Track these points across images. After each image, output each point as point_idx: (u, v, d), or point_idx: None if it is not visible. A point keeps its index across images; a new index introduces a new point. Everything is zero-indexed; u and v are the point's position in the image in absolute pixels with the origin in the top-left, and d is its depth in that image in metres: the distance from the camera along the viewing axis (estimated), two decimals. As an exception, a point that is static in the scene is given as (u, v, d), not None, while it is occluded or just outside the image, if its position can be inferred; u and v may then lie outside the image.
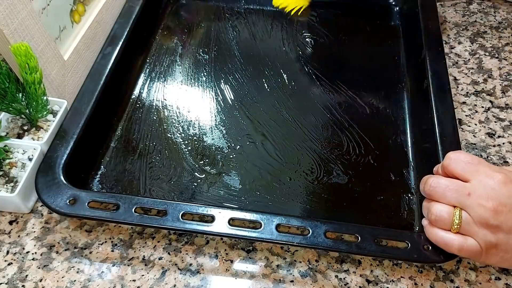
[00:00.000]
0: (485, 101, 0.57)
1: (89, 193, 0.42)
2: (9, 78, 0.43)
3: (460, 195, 0.37)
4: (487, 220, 0.35)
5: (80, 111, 0.48)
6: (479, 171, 0.37)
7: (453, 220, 0.37)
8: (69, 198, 0.41)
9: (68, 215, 0.41)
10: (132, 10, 0.60)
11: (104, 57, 0.53)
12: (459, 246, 0.37)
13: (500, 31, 0.67)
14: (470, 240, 0.36)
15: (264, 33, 0.64)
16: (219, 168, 0.49)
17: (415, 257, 0.39)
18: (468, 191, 0.36)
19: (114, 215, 0.40)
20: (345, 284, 0.41)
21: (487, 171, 0.37)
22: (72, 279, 0.41)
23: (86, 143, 0.47)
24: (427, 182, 0.39)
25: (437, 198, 0.38)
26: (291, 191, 0.47)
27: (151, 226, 0.41)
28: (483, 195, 0.36)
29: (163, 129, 0.52)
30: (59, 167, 0.43)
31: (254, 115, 0.54)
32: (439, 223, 0.38)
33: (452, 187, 0.37)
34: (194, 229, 0.40)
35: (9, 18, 0.43)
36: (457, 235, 0.37)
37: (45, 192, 0.41)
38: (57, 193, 0.41)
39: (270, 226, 0.40)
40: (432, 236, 0.39)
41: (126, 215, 0.40)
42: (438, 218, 0.37)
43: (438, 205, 0.38)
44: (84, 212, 0.40)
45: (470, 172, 0.37)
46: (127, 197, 0.41)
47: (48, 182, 0.42)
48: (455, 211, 0.37)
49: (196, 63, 0.60)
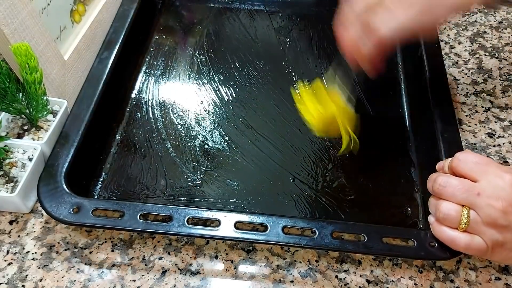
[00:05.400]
0: (485, 101, 0.57)
1: (92, 201, 0.42)
2: (9, 78, 0.43)
3: (469, 194, 0.36)
4: (495, 220, 0.35)
5: (80, 118, 0.48)
6: (488, 171, 0.37)
7: (461, 219, 0.37)
8: (73, 206, 0.41)
9: (72, 224, 0.41)
10: (127, 13, 0.59)
11: (101, 61, 0.53)
12: (466, 244, 0.37)
13: (500, 31, 0.67)
14: (477, 239, 0.37)
15: (261, 33, 0.64)
16: (220, 169, 0.49)
17: (422, 255, 0.39)
18: (477, 190, 0.36)
19: (119, 223, 0.40)
20: (345, 284, 0.41)
21: (497, 171, 0.37)
22: (72, 279, 0.41)
23: (86, 150, 0.47)
24: (436, 180, 0.39)
25: (446, 197, 0.38)
26: (294, 191, 0.47)
27: (158, 233, 0.41)
28: (493, 195, 0.36)
29: (162, 132, 0.52)
30: (61, 176, 0.43)
31: (254, 116, 0.54)
32: (447, 221, 0.38)
33: (461, 187, 0.37)
34: (201, 234, 0.40)
35: (9, 18, 0.43)
36: (464, 233, 0.37)
37: (48, 201, 0.41)
38: (60, 202, 0.41)
39: (276, 229, 0.40)
40: (439, 234, 0.39)
41: (131, 222, 0.40)
42: (446, 216, 0.37)
43: (446, 204, 0.38)
44: (88, 221, 0.40)
45: (479, 172, 0.37)
46: (131, 204, 0.41)
47: (50, 191, 0.42)
48: (464, 210, 0.37)
49: (193, 64, 0.60)
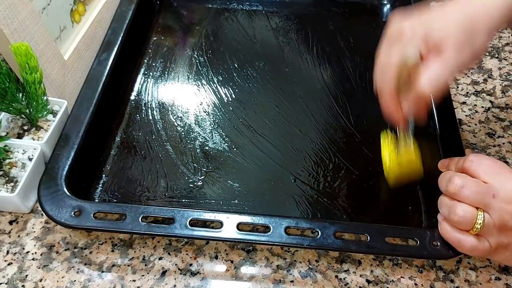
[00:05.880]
0: (485, 101, 0.57)
1: (94, 204, 0.42)
2: (9, 78, 0.43)
3: (485, 196, 0.36)
4: (507, 223, 0.35)
5: (79, 120, 0.47)
6: (501, 174, 0.37)
7: (476, 222, 0.36)
8: (74, 209, 0.41)
9: (74, 227, 0.40)
10: (125, 14, 0.59)
11: (100, 63, 0.53)
12: (472, 246, 0.37)
13: (500, 31, 0.67)
14: (483, 241, 0.36)
15: (260, 34, 0.64)
16: (221, 170, 0.49)
17: (424, 254, 0.39)
18: (492, 192, 0.36)
19: (121, 225, 0.40)
20: (345, 284, 0.41)
21: (509, 175, 0.37)
22: (72, 279, 0.41)
23: (87, 153, 0.47)
24: (452, 180, 0.38)
25: (461, 198, 0.37)
26: (295, 192, 0.47)
27: (160, 235, 0.41)
28: (506, 198, 0.35)
29: (162, 134, 0.52)
30: (61, 179, 0.43)
31: (254, 116, 0.54)
32: (462, 224, 0.37)
33: (478, 189, 0.36)
34: (204, 236, 0.40)
35: (9, 18, 0.43)
36: (472, 236, 0.37)
37: (49, 205, 0.41)
38: (62, 205, 0.41)
39: (279, 229, 0.40)
40: (446, 234, 0.38)
41: (133, 224, 0.40)
42: (462, 219, 0.36)
43: (463, 206, 0.37)
44: (90, 224, 0.40)
45: (492, 175, 0.37)
46: (133, 207, 0.41)
47: (51, 194, 0.42)
48: (479, 214, 0.36)
49: (192, 65, 0.60)
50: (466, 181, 0.37)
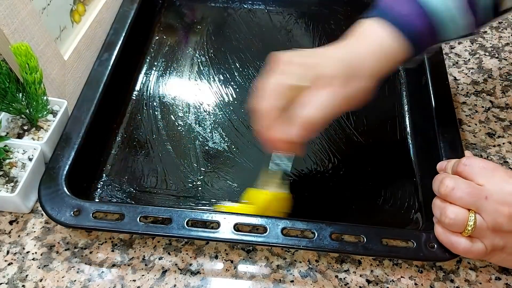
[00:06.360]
0: (485, 101, 0.57)
1: (93, 204, 0.42)
2: (9, 78, 0.43)
3: (478, 198, 0.36)
4: (501, 225, 0.35)
5: (80, 120, 0.47)
6: (495, 176, 0.37)
7: (467, 224, 0.36)
8: (74, 209, 0.41)
9: (73, 227, 0.41)
10: (127, 14, 0.59)
11: (101, 63, 0.53)
12: (466, 249, 0.36)
13: (500, 31, 0.67)
14: (477, 243, 0.36)
15: (262, 33, 0.64)
16: (221, 170, 0.49)
17: (421, 256, 0.39)
18: (485, 194, 0.36)
19: (119, 225, 0.40)
20: (345, 284, 0.41)
21: (503, 176, 0.36)
22: (72, 279, 0.41)
23: (87, 152, 0.47)
24: (443, 182, 0.38)
25: (453, 199, 0.37)
26: (294, 192, 0.47)
27: (158, 235, 0.41)
28: (499, 200, 0.35)
29: (163, 133, 0.52)
30: (61, 179, 0.43)
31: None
32: (454, 227, 0.37)
33: (469, 190, 0.36)
34: (201, 236, 0.40)
35: (9, 18, 0.43)
36: (465, 238, 0.37)
37: (49, 204, 0.41)
38: (61, 205, 0.41)
39: (275, 230, 0.40)
40: (439, 236, 0.38)
41: (131, 224, 0.40)
42: (453, 221, 0.36)
43: (453, 208, 0.37)
44: (89, 223, 0.40)
45: (486, 177, 0.37)
46: (131, 206, 0.41)
47: (51, 194, 0.42)
48: (470, 215, 0.36)
49: (194, 65, 0.60)
50: (458, 183, 0.37)
